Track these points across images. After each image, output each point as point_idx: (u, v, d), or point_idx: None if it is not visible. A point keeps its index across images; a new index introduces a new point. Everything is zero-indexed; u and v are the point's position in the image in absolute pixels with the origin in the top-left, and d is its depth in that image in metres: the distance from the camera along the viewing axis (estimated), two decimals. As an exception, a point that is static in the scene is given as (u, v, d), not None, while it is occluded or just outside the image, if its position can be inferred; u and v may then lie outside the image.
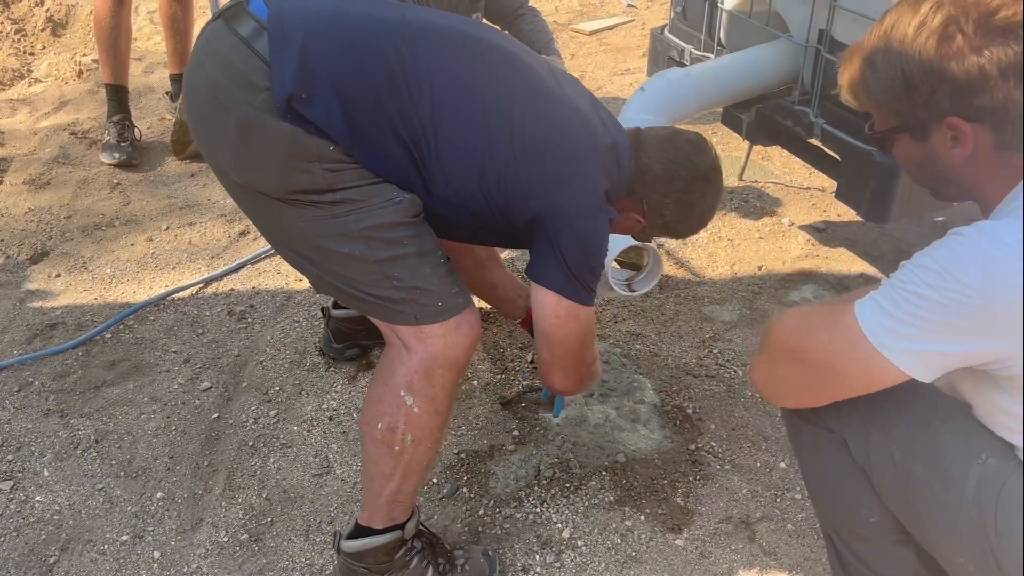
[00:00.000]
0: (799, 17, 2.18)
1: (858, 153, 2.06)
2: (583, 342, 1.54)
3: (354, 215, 1.34)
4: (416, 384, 1.44)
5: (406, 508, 1.57)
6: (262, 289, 2.60)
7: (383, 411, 1.47)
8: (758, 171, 3.23)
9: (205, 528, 1.84)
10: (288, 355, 2.32)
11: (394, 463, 1.49)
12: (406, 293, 1.40)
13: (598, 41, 4.72)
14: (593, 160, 1.47)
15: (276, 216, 1.40)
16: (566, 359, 1.54)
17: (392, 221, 1.36)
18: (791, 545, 1.79)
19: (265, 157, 1.32)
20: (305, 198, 1.34)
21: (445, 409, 1.50)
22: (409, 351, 1.44)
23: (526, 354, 2.32)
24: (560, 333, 1.49)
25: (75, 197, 3.09)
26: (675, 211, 1.59)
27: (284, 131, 1.28)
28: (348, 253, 1.37)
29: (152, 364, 2.31)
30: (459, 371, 1.48)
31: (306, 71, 1.28)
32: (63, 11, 4.68)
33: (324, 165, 1.31)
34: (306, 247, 1.41)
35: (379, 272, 1.38)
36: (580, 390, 1.69)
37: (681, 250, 2.78)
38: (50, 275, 2.68)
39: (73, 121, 3.62)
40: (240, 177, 1.37)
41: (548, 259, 1.45)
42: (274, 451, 2.03)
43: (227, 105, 1.31)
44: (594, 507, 1.87)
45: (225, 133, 1.33)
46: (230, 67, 1.31)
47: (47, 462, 2.00)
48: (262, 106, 1.28)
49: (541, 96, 1.45)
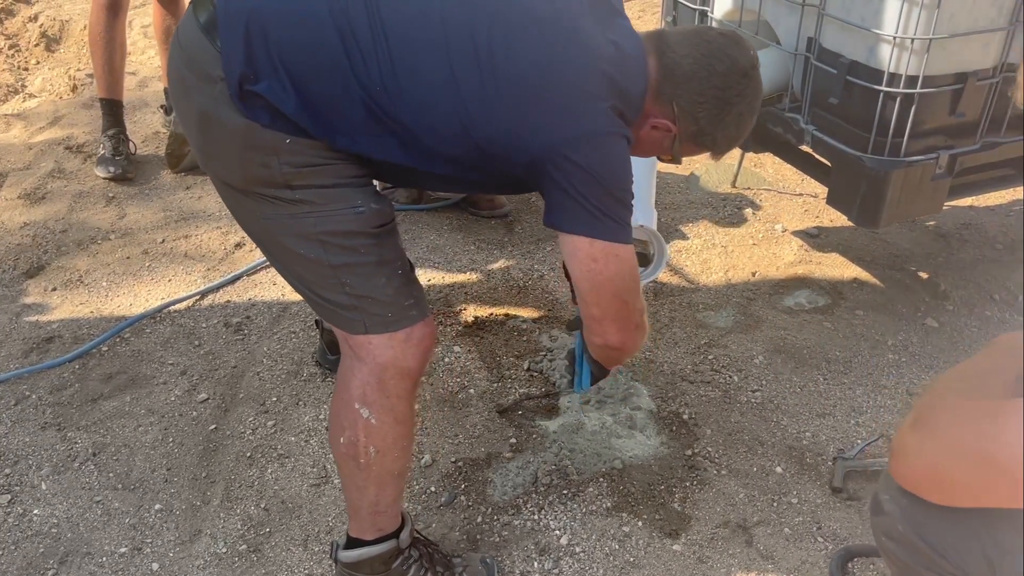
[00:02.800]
0: (788, 25, 2.20)
1: (848, 159, 2.08)
2: (630, 284, 1.40)
3: (312, 217, 1.33)
4: (370, 396, 1.42)
5: (391, 517, 1.57)
6: (258, 300, 2.61)
7: (343, 425, 1.46)
8: (751, 178, 3.26)
9: (203, 539, 1.84)
10: (285, 366, 2.33)
11: (363, 475, 1.48)
12: (357, 301, 1.38)
13: (590, 51, 4.74)
14: (588, 81, 1.32)
15: (243, 208, 1.41)
16: (616, 307, 1.40)
17: (350, 230, 1.35)
18: (788, 549, 1.79)
19: (224, 150, 1.33)
20: (266, 192, 1.33)
21: (406, 417, 1.47)
22: (360, 362, 1.42)
23: (522, 362, 2.33)
24: (603, 278, 1.35)
25: (70, 211, 3.09)
26: (712, 113, 1.40)
27: (240, 125, 1.28)
28: (304, 255, 1.36)
29: (149, 376, 2.31)
30: (413, 380, 1.45)
31: (251, 50, 1.26)
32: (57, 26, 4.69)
33: (281, 159, 1.30)
34: (268, 242, 1.42)
35: (332, 277, 1.37)
36: (638, 344, 1.51)
37: (676, 257, 2.80)
38: (46, 289, 2.68)
39: (68, 135, 3.62)
40: (205, 168, 1.40)
41: (565, 203, 1.32)
42: (272, 461, 2.03)
43: (191, 97, 1.33)
44: (592, 513, 1.87)
45: (189, 125, 1.36)
46: (191, 59, 1.32)
47: (45, 475, 2.00)
48: (219, 98, 1.28)
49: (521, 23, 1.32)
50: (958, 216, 3.03)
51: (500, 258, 2.81)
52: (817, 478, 1.96)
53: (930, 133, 2.02)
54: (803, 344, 2.40)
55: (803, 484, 1.95)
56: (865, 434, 2.08)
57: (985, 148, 2.09)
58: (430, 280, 2.70)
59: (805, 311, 2.55)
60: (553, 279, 2.69)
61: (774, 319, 2.50)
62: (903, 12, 1.85)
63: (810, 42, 2.13)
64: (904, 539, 1.14)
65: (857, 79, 2.00)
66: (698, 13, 2.53)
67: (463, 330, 2.46)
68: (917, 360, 2.34)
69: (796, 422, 2.13)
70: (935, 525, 1.10)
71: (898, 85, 1.93)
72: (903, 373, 2.29)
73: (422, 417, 2.15)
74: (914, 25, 1.85)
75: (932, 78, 1.93)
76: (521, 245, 2.88)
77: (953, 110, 2.00)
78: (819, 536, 1.82)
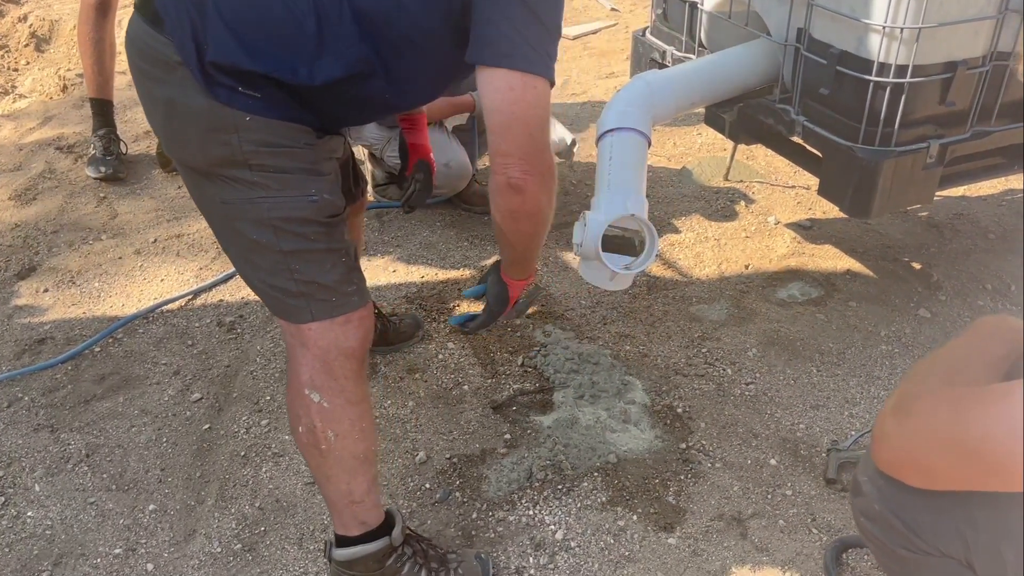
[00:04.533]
0: (778, 16, 2.20)
1: (839, 149, 2.08)
2: (543, 122, 1.34)
3: (268, 202, 1.36)
4: (318, 380, 1.45)
5: (370, 508, 1.57)
6: (251, 300, 2.60)
7: (298, 414, 1.49)
8: (743, 171, 3.25)
9: (198, 539, 1.83)
10: (278, 364, 2.32)
11: (328, 463, 1.50)
12: (304, 287, 1.41)
13: (582, 45, 4.74)
14: None
15: (203, 195, 1.43)
16: (526, 141, 1.32)
17: (303, 216, 1.38)
18: (783, 541, 1.80)
19: (189, 132, 1.35)
20: (227, 172, 1.35)
21: (358, 398, 1.50)
22: (304, 348, 1.46)
23: (516, 357, 2.32)
24: (518, 108, 1.29)
25: (62, 212, 3.08)
26: None
27: (202, 105, 1.31)
28: (256, 240, 1.38)
29: (142, 377, 2.30)
30: (358, 359, 1.48)
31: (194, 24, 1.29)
32: (46, 26, 4.67)
33: (241, 136, 1.32)
34: (225, 228, 1.44)
35: (283, 263, 1.40)
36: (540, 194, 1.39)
37: (668, 251, 2.80)
38: (38, 290, 2.68)
39: (58, 136, 3.61)
40: (169, 152, 1.43)
41: (490, 32, 1.28)
42: (266, 460, 2.02)
43: (155, 88, 1.36)
44: (587, 508, 1.87)
45: (155, 116, 1.39)
46: (144, 51, 1.34)
47: (38, 477, 2.00)
48: (182, 82, 1.31)
49: None
50: (950, 206, 3.03)
51: (493, 254, 2.80)
52: (811, 470, 1.96)
53: (920, 123, 2.02)
54: (796, 336, 2.40)
55: (797, 476, 1.95)
56: (859, 425, 2.08)
57: (976, 137, 2.09)
58: (423, 277, 2.70)
59: (798, 303, 2.55)
60: (546, 275, 2.69)
61: (767, 312, 2.50)
62: (892, 1, 1.85)
63: (800, 33, 2.12)
64: (880, 518, 1.15)
65: (847, 69, 1.99)
66: (688, 5, 2.53)
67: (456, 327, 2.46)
68: (910, 351, 2.34)
69: (790, 414, 2.13)
70: (910, 504, 1.11)
71: (888, 75, 1.93)
72: (896, 364, 2.29)
73: (416, 414, 2.15)
74: (903, 14, 1.85)
75: (922, 67, 1.92)
76: (514, 240, 2.87)
77: (943, 99, 2.00)
78: (814, 528, 1.82)
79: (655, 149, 3.51)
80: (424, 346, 2.38)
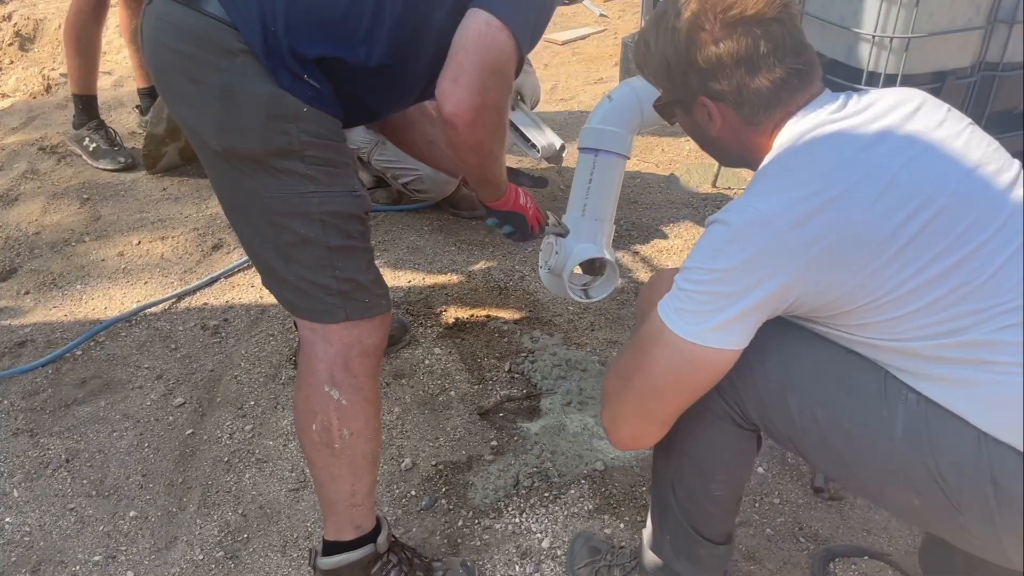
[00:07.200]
0: (768, 25, 2.20)
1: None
2: (505, 70, 1.32)
3: (317, 197, 1.36)
4: (338, 377, 1.45)
5: (367, 512, 1.56)
6: (236, 303, 2.58)
7: (313, 410, 1.47)
8: (731, 178, 3.26)
9: (180, 546, 1.81)
10: (263, 369, 2.30)
11: (338, 462, 1.49)
12: (344, 284, 1.41)
13: (571, 51, 4.74)
14: None
15: (241, 189, 1.39)
16: (477, 70, 1.29)
17: (349, 212, 1.39)
18: (770, 550, 1.79)
19: (247, 119, 1.32)
20: (280, 164, 1.34)
21: (374, 396, 1.50)
22: (327, 344, 1.45)
23: (503, 363, 2.31)
24: (484, 42, 1.28)
25: (44, 213, 3.05)
26: None
27: (265, 91, 1.30)
28: (303, 234, 1.37)
29: (124, 381, 2.27)
30: (376, 358, 1.49)
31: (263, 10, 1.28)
32: (31, 25, 4.63)
33: (300, 126, 1.32)
34: (263, 223, 1.40)
35: (327, 259, 1.39)
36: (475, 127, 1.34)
37: (656, 257, 2.79)
38: (19, 292, 2.64)
39: (41, 136, 3.57)
40: (220, 143, 1.35)
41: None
42: (249, 466, 2.00)
43: (204, 76, 1.32)
44: (574, 516, 1.86)
45: (206, 103, 1.34)
46: (199, 38, 1.31)
47: (16, 483, 1.96)
48: (243, 69, 1.29)
49: None
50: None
51: (481, 259, 2.79)
52: (799, 478, 1.96)
53: (909, 132, 2.03)
54: (784, 343, 2.39)
55: (785, 484, 1.95)
56: (846, 433, 2.08)
57: (963, 147, 2.10)
58: (411, 281, 2.68)
59: (786, 310, 2.55)
60: (534, 280, 2.68)
61: (755, 319, 2.50)
62: (882, 11, 1.86)
63: (790, 41, 2.13)
64: None
65: (837, 78, 2.00)
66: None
67: (444, 332, 2.44)
68: (897, 359, 2.34)
69: (778, 422, 2.13)
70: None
71: (878, 84, 1.93)
72: (883, 372, 2.29)
73: (402, 420, 2.13)
74: (892, 24, 1.86)
75: (911, 77, 1.93)
76: (502, 246, 2.87)
77: (932, 109, 2.01)
78: (801, 536, 1.82)
79: (643, 155, 3.51)
80: (411, 351, 2.37)
